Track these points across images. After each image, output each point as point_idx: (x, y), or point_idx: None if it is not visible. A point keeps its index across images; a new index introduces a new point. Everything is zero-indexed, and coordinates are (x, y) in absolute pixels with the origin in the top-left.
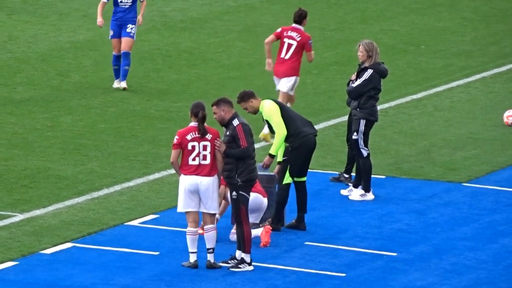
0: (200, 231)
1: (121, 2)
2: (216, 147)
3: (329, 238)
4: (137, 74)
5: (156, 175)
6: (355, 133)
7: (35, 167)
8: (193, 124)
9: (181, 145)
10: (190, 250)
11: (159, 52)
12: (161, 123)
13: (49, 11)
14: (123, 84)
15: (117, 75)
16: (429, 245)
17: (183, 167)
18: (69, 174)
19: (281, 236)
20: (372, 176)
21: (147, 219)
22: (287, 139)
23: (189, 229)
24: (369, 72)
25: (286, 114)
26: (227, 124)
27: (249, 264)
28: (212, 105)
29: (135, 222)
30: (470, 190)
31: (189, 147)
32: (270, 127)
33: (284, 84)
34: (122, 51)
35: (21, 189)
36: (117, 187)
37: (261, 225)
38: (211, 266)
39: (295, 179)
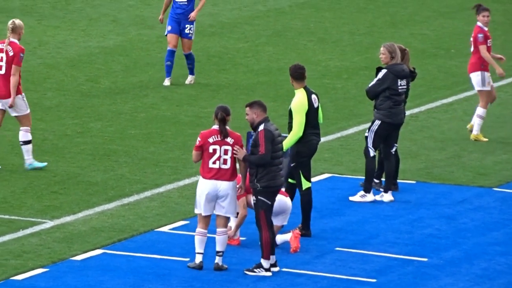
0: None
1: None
2: (234, 152)
3: (359, 244)
4: None
5: (186, 181)
6: (367, 130)
7: (65, 173)
8: (216, 127)
9: (203, 147)
10: (197, 251)
11: None
12: (191, 128)
13: (79, 16)
14: (190, 79)
15: (168, 72)
16: (460, 250)
17: (204, 170)
18: (99, 180)
19: (311, 242)
20: (403, 181)
21: (177, 225)
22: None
23: (200, 230)
24: (383, 72)
25: (308, 115)
26: (255, 127)
27: (267, 270)
28: (246, 106)
29: (165, 228)
30: (501, 195)
31: (210, 150)
32: (290, 115)
33: (473, 82)
34: (183, 53)
35: (51, 195)
36: (147, 193)
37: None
38: (219, 268)
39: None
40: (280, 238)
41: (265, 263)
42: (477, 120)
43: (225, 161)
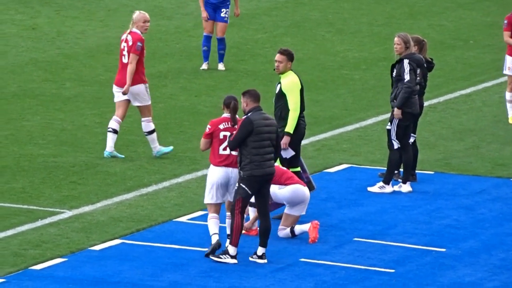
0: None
1: None
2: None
3: (378, 234)
4: (186, 70)
5: (205, 171)
6: (389, 123)
7: (83, 164)
8: (226, 115)
9: (213, 134)
10: (213, 232)
11: None
12: (209, 119)
13: (97, 7)
14: (221, 66)
15: (205, 57)
16: (478, 240)
17: (214, 157)
18: (117, 171)
19: (330, 232)
20: (421, 171)
21: (196, 215)
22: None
23: (212, 214)
24: (406, 61)
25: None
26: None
27: (232, 257)
28: (242, 94)
29: (183, 219)
30: None
31: (221, 136)
32: (279, 98)
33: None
34: (217, 37)
35: (69, 185)
36: (165, 184)
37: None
38: (217, 247)
39: (291, 169)
40: (298, 228)
41: (231, 250)
42: (508, 105)
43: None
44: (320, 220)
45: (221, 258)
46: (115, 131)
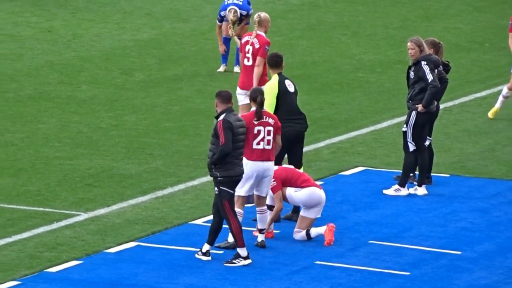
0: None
1: None
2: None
3: (393, 237)
4: (201, 73)
5: None
6: (404, 125)
7: (99, 166)
8: (254, 109)
9: (248, 130)
10: (260, 227)
11: None
12: None
13: (113, 9)
14: (237, 69)
15: (224, 59)
16: (493, 243)
17: (248, 153)
18: (133, 173)
19: (345, 234)
20: (437, 174)
21: (211, 218)
22: None
23: (240, 210)
24: (424, 63)
25: (283, 100)
26: (217, 117)
27: (245, 258)
28: (215, 95)
29: (199, 221)
30: None
31: (255, 131)
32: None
33: None
34: (237, 37)
35: (85, 188)
36: (181, 186)
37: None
38: (262, 246)
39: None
40: (314, 231)
41: (241, 252)
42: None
43: (268, 142)
44: (336, 223)
45: (234, 262)
46: None
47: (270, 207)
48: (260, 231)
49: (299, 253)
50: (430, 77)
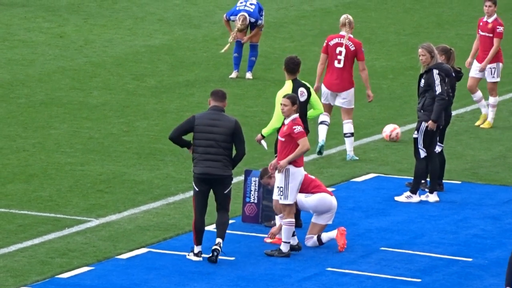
0: (269, 240)
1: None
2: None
3: (404, 244)
4: (213, 78)
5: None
6: (415, 132)
7: (110, 172)
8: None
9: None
10: (285, 240)
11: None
12: None
13: (125, 15)
14: (249, 75)
15: (236, 65)
16: (505, 250)
17: (295, 161)
18: (144, 179)
19: (356, 241)
20: (448, 181)
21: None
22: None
23: (290, 220)
24: (435, 72)
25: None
26: None
27: (196, 254)
28: None
29: (210, 228)
30: None
31: None
32: None
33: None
34: (250, 43)
35: (96, 194)
36: (192, 193)
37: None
38: (299, 248)
39: None
40: (326, 236)
41: (195, 248)
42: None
43: None
44: (347, 230)
45: (188, 254)
46: (352, 134)
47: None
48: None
49: (310, 260)
50: (438, 88)
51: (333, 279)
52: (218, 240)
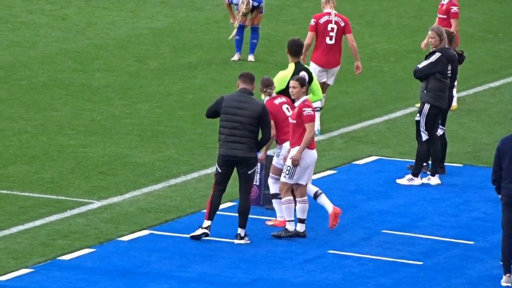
0: (270, 223)
1: None
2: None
3: (406, 226)
4: (215, 61)
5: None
6: (418, 115)
7: (112, 154)
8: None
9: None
10: (288, 218)
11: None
12: None
13: None
14: (251, 58)
15: (238, 47)
16: None
17: (312, 142)
18: (146, 161)
19: (358, 224)
20: (450, 164)
21: (224, 206)
22: None
23: (288, 198)
24: (437, 55)
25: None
26: None
27: (203, 228)
28: None
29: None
30: None
31: None
32: None
33: None
34: (251, 25)
35: (98, 176)
36: (194, 175)
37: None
38: (304, 235)
39: None
40: (323, 199)
41: (204, 222)
42: None
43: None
44: (349, 212)
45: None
46: (318, 109)
47: (276, 195)
48: (303, 221)
49: (312, 242)
50: (423, 64)
51: (334, 261)
52: (239, 230)
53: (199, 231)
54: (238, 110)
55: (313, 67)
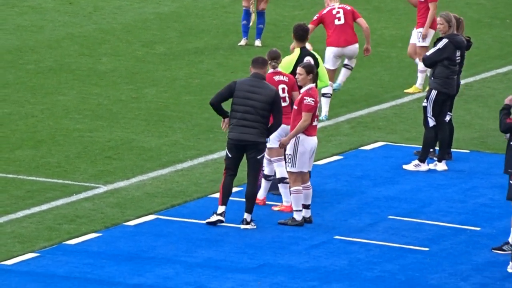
0: (277, 208)
1: None
2: None
3: (412, 212)
4: (222, 46)
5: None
6: (425, 100)
7: (119, 139)
8: (312, 85)
9: (315, 108)
10: (296, 208)
11: None
12: None
13: None
14: (258, 43)
15: (245, 32)
16: None
17: (307, 130)
18: (153, 146)
19: (364, 210)
20: (457, 150)
21: (233, 190)
22: None
23: (297, 188)
24: (444, 41)
25: None
26: None
27: (218, 214)
28: None
29: (218, 195)
30: None
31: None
32: None
33: None
34: (257, 10)
35: (105, 160)
36: (201, 159)
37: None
38: (310, 221)
39: None
40: (283, 191)
41: (218, 209)
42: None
43: (317, 118)
44: (355, 198)
45: (211, 218)
46: (329, 96)
47: (282, 180)
48: (307, 206)
49: (318, 228)
50: (431, 51)
51: (340, 247)
52: (246, 215)
53: (214, 218)
54: (252, 95)
55: (328, 53)
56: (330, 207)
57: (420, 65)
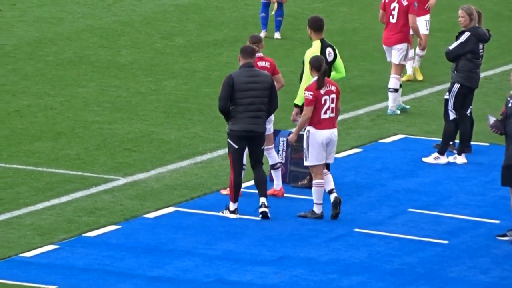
0: (225, 192)
1: None
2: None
3: (432, 205)
4: (242, 38)
5: None
6: (447, 93)
7: (138, 131)
8: (316, 78)
9: (315, 101)
10: (317, 201)
11: None
12: None
13: None
14: (277, 35)
15: (264, 25)
16: None
17: (315, 123)
18: (172, 138)
19: (383, 202)
20: (476, 143)
21: (250, 184)
22: None
23: (319, 181)
24: (467, 34)
25: None
26: None
27: (232, 212)
28: None
29: (228, 191)
30: None
31: (322, 101)
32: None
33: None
34: (277, 2)
35: (124, 152)
36: (220, 152)
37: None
38: (340, 201)
39: None
40: (274, 176)
41: (231, 206)
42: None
43: (332, 110)
44: (375, 190)
45: (223, 213)
46: (396, 90)
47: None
48: (332, 191)
49: (338, 221)
50: (454, 45)
51: (360, 240)
52: (262, 200)
53: (231, 215)
54: (252, 85)
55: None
56: (349, 199)
57: (411, 52)
